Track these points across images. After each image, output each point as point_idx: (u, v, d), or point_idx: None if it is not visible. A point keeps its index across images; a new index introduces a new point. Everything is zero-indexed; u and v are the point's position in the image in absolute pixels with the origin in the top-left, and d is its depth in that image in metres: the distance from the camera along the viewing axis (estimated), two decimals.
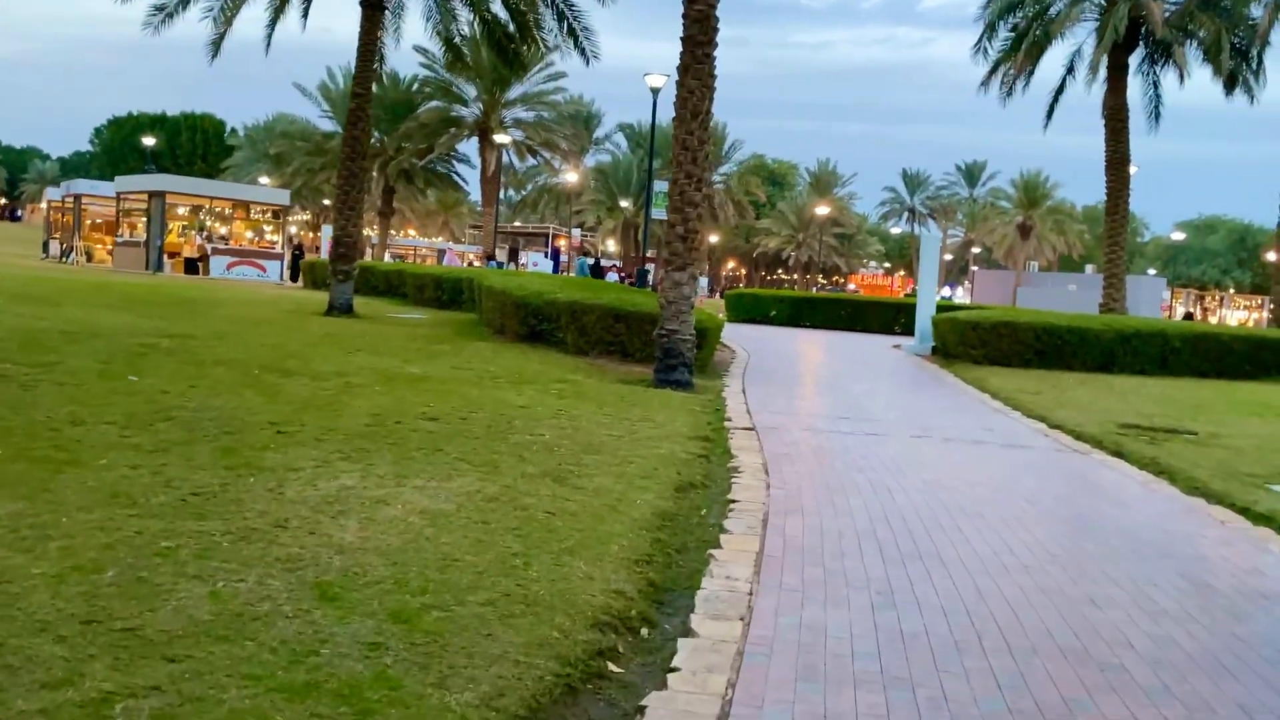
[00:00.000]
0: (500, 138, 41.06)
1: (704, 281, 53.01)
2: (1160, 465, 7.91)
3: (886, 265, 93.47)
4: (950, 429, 9.45)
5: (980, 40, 24.55)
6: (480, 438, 6.61)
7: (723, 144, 69.29)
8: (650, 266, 31.37)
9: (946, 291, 71.29)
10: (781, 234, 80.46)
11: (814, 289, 72.24)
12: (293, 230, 56.65)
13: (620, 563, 4.32)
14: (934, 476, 6.96)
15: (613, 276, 40.46)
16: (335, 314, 15.67)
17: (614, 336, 12.57)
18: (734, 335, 18.84)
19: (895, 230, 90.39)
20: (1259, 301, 67.94)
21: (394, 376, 9.14)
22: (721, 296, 45.85)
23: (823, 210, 70.60)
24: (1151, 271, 68.96)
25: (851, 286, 71.87)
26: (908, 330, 21.48)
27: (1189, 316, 51.86)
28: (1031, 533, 5.52)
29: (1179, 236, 74.63)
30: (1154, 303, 45.03)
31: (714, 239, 76.16)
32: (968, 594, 4.33)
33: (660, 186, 24.86)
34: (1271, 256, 46.44)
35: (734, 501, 5.82)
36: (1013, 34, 24.13)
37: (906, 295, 43.71)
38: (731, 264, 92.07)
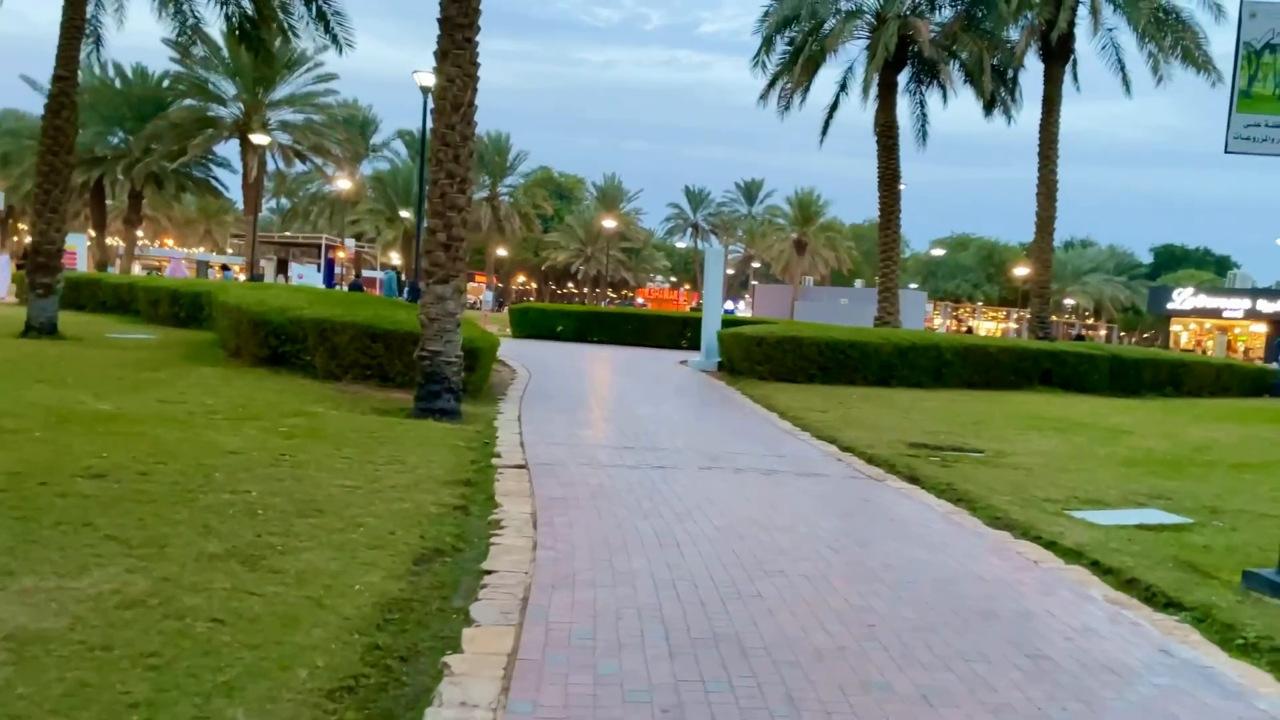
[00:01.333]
0: (259, 139, 37.72)
1: (489, 295, 51.25)
2: (957, 491, 7.47)
3: (673, 279, 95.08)
4: (741, 456, 8.66)
5: (758, 54, 24.63)
6: (156, 501, 5.06)
7: (507, 154, 67.90)
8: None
9: (729, 305, 72.94)
10: (570, 247, 79.94)
11: (603, 302, 72.12)
12: (30, 239, 50.12)
13: (304, 699, 3.03)
14: (727, 521, 6.04)
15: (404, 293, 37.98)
16: (34, 335, 13.12)
17: (371, 359, 11.06)
18: (518, 352, 17.69)
19: (680, 245, 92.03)
20: (1005, 313, 74.21)
21: (70, 417, 7.27)
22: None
23: (610, 224, 70.60)
24: (913, 285, 73.65)
25: (639, 300, 72.35)
26: (694, 345, 21.03)
27: (969, 330, 55.44)
28: (841, 595, 4.66)
29: (938, 253, 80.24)
30: (918, 315, 47.79)
31: (502, 252, 74.59)
32: (777, 703, 3.34)
33: None
34: (1019, 271, 50.38)
35: (489, 573, 4.64)
36: (790, 48, 24.32)
37: (692, 309, 43.99)
38: (521, 277, 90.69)
